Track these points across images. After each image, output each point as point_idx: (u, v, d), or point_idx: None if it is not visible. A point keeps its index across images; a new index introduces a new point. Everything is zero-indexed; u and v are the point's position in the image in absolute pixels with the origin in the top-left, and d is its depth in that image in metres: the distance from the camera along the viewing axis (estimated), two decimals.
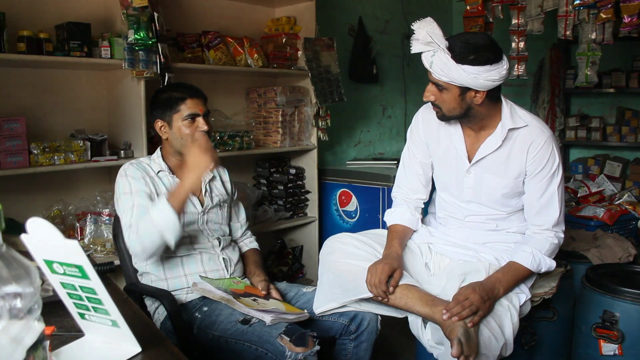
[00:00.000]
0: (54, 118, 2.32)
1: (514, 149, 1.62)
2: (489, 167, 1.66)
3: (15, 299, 0.52)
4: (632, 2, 2.34)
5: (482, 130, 1.66)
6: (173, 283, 1.72)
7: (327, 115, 3.14)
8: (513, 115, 1.62)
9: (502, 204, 1.70)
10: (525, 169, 1.63)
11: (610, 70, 4.19)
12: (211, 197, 1.85)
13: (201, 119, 1.76)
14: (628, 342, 1.91)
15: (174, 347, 0.96)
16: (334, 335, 1.74)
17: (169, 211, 1.54)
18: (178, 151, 1.80)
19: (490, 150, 1.63)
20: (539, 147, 1.60)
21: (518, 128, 1.61)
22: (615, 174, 4.23)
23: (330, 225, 3.21)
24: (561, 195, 1.65)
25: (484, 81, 1.50)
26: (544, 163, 1.61)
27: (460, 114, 1.60)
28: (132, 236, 1.60)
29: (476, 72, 1.48)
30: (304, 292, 1.82)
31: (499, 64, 1.51)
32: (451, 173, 1.74)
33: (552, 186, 1.63)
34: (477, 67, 1.48)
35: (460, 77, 1.49)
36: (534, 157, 1.61)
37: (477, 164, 1.67)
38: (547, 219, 1.64)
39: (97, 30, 2.26)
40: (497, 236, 1.74)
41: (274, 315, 1.52)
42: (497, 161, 1.65)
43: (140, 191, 1.67)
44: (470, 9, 2.83)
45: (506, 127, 1.60)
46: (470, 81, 1.49)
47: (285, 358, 1.41)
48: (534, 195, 1.64)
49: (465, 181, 1.70)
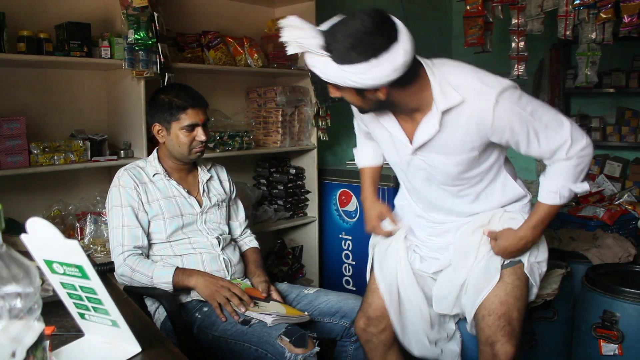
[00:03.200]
0: (54, 118, 2.32)
1: (459, 127, 1.37)
2: (435, 147, 1.44)
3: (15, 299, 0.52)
4: (632, 2, 2.34)
5: (415, 113, 1.41)
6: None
7: (327, 115, 3.14)
8: (444, 89, 1.33)
9: (461, 179, 1.50)
10: (489, 141, 1.40)
11: (610, 70, 4.19)
12: (209, 197, 1.86)
13: (200, 129, 1.77)
14: (628, 342, 1.91)
15: (174, 347, 0.96)
16: (334, 337, 1.74)
17: (169, 284, 1.65)
18: (174, 156, 1.81)
19: (430, 136, 1.40)
20: (491, 117, 1.33)
21: (455, 107, 1.34)
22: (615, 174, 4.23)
23: (330, 225, 3.21)
24: (552, 118, 1.38)
25: (372, 80, 1.23)
26: (510, 126, 1.34)
27: (375, 108, 1.42)
28: (126, 270, 1.67)
29: (360, 72, 1.21)
30: (306, 293, 1.81)
31: (390, 50, 1.20)
32: (397, 158, 1.57)
33: (537, 129, 1.37)
34: (361, 64, 1.21)
35: (344, 80, 1.25)
36: (493, 129, 1.35)
37: (420, 148, 1.46)
38: (559, 152, 1.40)
39: (97, 30, 2.26)
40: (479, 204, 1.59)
41: (274, 316, 1.52)
42: (443, 142, 1.42)
43: (129, 207, 1.71)
44: (470, 9, 2.83)
45: (440, 109, 1.35)
46: (357, 82, 1.24)
47: (285, 359, 1.41)
48: (530, 150, 1.41)
49: (413, 164, 1.52)
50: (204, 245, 1.78)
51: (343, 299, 1.76)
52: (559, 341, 2.13)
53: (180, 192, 1.80)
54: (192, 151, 1.78)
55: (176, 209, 1.77)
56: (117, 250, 1.68)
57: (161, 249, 1.75)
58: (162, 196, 1.76)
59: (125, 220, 1.70)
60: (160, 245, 1.75)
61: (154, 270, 1.65)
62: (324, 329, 1.72)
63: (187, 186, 1.84)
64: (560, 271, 1.94)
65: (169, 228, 1.74)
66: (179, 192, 1.80)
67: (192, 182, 1.87)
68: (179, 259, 1.75)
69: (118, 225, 1.70)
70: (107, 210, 1.76)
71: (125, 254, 1.67)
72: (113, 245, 1.70)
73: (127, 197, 1.72)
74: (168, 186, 1.79)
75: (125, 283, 1.70)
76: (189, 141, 1.76)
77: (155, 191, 1.76)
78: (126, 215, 1.70)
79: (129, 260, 1.66)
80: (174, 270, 1.65)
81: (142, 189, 1.74)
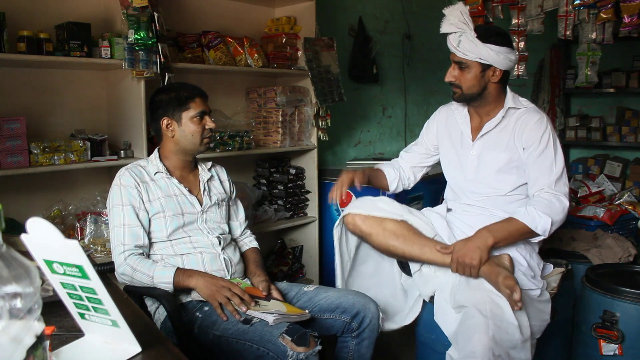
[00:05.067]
0: (54, 118, 2.32)
1: (511, 126, 1.81)
2: (489, 143, 1.84)
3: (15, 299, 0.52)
4: (632, 2, 2.34)
5: (487, 115, 1.86)
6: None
7: (327, 115, 3.14)
8: (515, 100, 1.84)
9: (498, 180, 1.83)
10: (522, 144, 1.78)
11: (610, 70, 4.20)
12: (210, 196, 1.86)
13: (208, 117, 1.84)
14: (628, 342, 1.91)
15: (174, 347, 0.96)
16: (335, 333, 1.74)
17: (169, 284, 1.65)
18: (183, 149, 1.82)
19: (491, 127, 1.83)
20: (532, 123, 1.77)
21: (517, 109, 1.81)
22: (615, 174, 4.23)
23: (330, 225, 3.19)
24: (559, 163, 1.75)
25: (505, 59, 1.73)
26: (538, 137, 1.75)
27: (477, 93, 1.80)
28: (127, 269, 1.67)
29: (498, 50, 1.71)
30: (305, 291, 1.82)
31: (513, 49, 1.77)
32: (457, 152, 1.94)
33: (547, 154, 1.75)
34: (499, 46, 1.71)
35: (487, 54, 1.71)
36: (529, 132, 1.76)
37: (478, 140, 1.86)
38: (543, 181, 1.73)
39: (97, 30, 2.26)
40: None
41: (276, 315, 1.52)
42: (496, 138, 1.83)
43: (130, 206, 1.71)
44: (470, 9, 2.82)
45: (507, 106, 1.81)
46: (494, 57, 1.71)
47: (287, 358, 1.41)
48: (531, 165, 1.76)
49: (468, 159, 1.89)
50: (205, 245, 1.79)
51: (343, 294, 1.76)
52: (559, 341, 2.13)
53: (181, 191, 1.81)
54: (203, 140, 1.83)
55: (177, 208, 1.77)
56: (118, 250, 1.68)
57: (162, 248, 1.75)
58: (163, 194, 1.77)
59: (126, 219, 1.70)
60: (161, 244, 1.75)
61: (155, 270, 1.65)
62: (324, 325, 1.72)
63: (188, 185, 1.85)
64: (560, 270, 1.94)
65: (169, 226, 1.75)
66: (180, 191, 1.81)
67: (193, 181, 1.88)
68: (179, 258, 1.75)
69: (119, 224, 1.70)
70: (108, 209, 1.76)
71: (126, 253, 1.67)
72: (114, 245, 1.71)
73: (128, 196, 1.72)
74: (169, 185, 1.80)
75: (126, 282, 1.70)
76: (201, 129, 1.81)
77: (156, 189, 1.77)
78: (127, 214, 1.71)
79: (129, 260, 1.67)
80: (174, 271, 1.65)
81: (143, 188, 1.75)
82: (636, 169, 4.20)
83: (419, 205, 3.15)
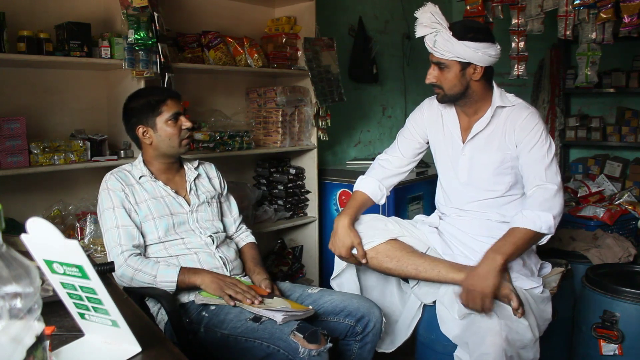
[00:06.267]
0: (54, 118, 2.32)
1: (500, 126, 1.75)
2: (480, 145, 1.79)
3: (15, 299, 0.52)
4: (632, 2, 2.34)
5: (475, 114, 1.80)
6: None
7: (327, 115, 3.14)
8: (502, 97, 1.77)
9: (493, 182, 1.78)
10: (514, 142, 1.73)
11: (610, 70, 4.19)
12: (197, 195, 1.86)
13: (183, 117, 1.81)
14: (628, 342, 1.91)
15: (174, 347, 0.96)
16: (338, 336, 1.73)
17: (172, 283, 1.64)
18: (164, 154, 1.81)
19: (481, 128, 1.77)
20: (522, 120, 1.72)
21: (505, 107, 1.75)
22: (615, 174, 4.23)
23: (330, 225, 3.18)
24: (550, 154, 1.69)
25: (483, 55, 1.66)
26: (528, 132, 1.70)
27: (460, 92, 1.73)
28: (127, 270, 1.65)
29: (475, 47, 1.65)
30: (309, 292, 1.81)
31: (493, 44, 1.69)
32: (448, 154, 1.87)
33: (539, 149, 1.69)
34: (476, 43, 1.65)
35: (464, 52, 1.65)
36: (520, 129, 1.71)
37: (469, 143, 1.80)
38: (535, 177, 1.68)
39: (97, 30, 2.26)
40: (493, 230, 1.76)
41: (284, 314, 1.52)
42: (487, 139, 1.77)
43: (121, 208, 1.71)
44: (470, 9, 2.82)
45: (495, 105, 1.75)
46: (471, 54, 1.65)
47: (298, 354, 1.41)
48: (524, 160, 1.71)
49: (460, 162, 1.83)
50: (199, 245, 1.78)
51: (347, 298, 1.76)
52: (559, 341, 2.13)
53: (167, 192, 1.80)
54: (182, 142, 1.81)
55: (165, 209, 1.77)
56: (116, 250, 1.67)
57: (156, 251, 1.75)
58: (150, 197, 1.77)
59: (119, 220, 1.69)
60: (154, 247, 1.75)
61: (159, 270, 1.64)
62: (328, 328, 1.71)
63: (175, 186, 1.84)
64: (559, 269, 1.94)
65: (160, 228, 1.74)
66: (167, 192, 1.80)
67: (180, 182, 1.87)
68: (175, 260, 1.74)
69: (112, 226, 1.69)
70: (99, 214, 1.75)
71: (125, 254, 1.66)
72: (110, 247, 1.69)
73: (117, 198, 1.71)
74: (155, 187, 1.80)
75: (124, 284, 1.69)
76: (177, 131, 1.79)
77: (142, 192, 1.76)
78: (119, 216, 1.70)
79: (130, 261, 1.65)
80: (179, 270, 1.65)
81: (130, 191, 1.74)
82: (636, 169, 4.19)
83: (418, 205, 3.15)
